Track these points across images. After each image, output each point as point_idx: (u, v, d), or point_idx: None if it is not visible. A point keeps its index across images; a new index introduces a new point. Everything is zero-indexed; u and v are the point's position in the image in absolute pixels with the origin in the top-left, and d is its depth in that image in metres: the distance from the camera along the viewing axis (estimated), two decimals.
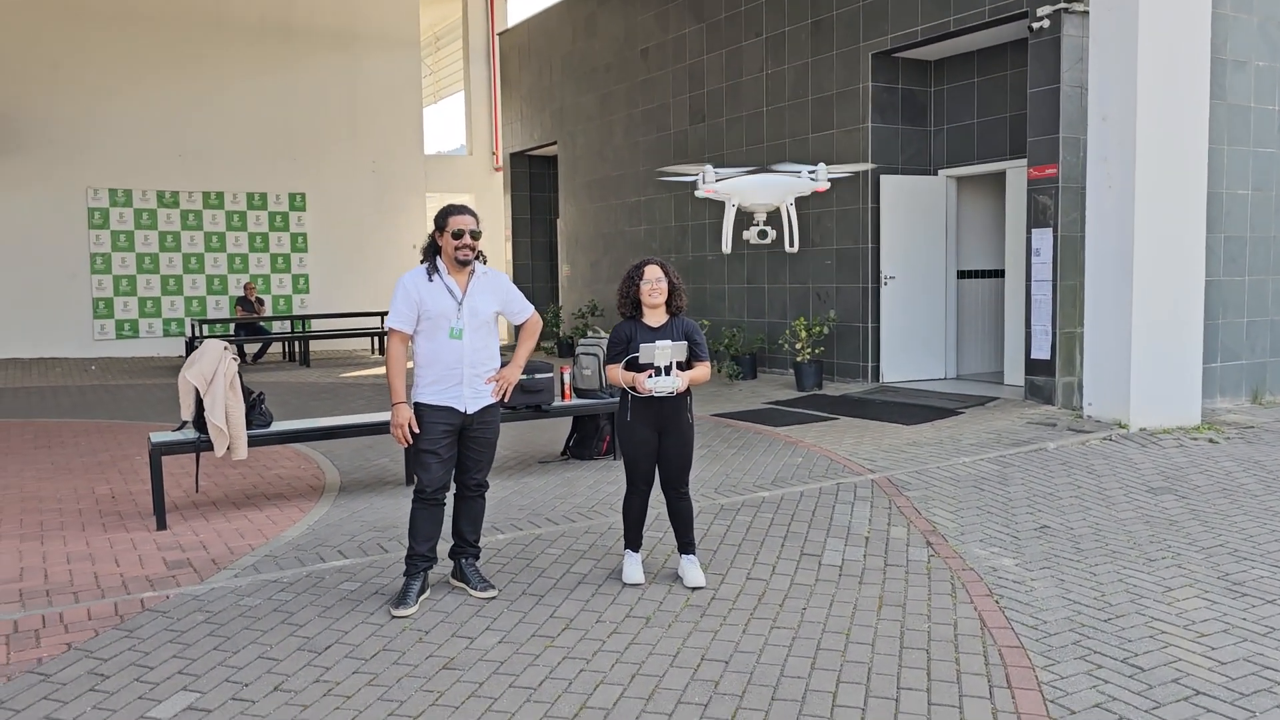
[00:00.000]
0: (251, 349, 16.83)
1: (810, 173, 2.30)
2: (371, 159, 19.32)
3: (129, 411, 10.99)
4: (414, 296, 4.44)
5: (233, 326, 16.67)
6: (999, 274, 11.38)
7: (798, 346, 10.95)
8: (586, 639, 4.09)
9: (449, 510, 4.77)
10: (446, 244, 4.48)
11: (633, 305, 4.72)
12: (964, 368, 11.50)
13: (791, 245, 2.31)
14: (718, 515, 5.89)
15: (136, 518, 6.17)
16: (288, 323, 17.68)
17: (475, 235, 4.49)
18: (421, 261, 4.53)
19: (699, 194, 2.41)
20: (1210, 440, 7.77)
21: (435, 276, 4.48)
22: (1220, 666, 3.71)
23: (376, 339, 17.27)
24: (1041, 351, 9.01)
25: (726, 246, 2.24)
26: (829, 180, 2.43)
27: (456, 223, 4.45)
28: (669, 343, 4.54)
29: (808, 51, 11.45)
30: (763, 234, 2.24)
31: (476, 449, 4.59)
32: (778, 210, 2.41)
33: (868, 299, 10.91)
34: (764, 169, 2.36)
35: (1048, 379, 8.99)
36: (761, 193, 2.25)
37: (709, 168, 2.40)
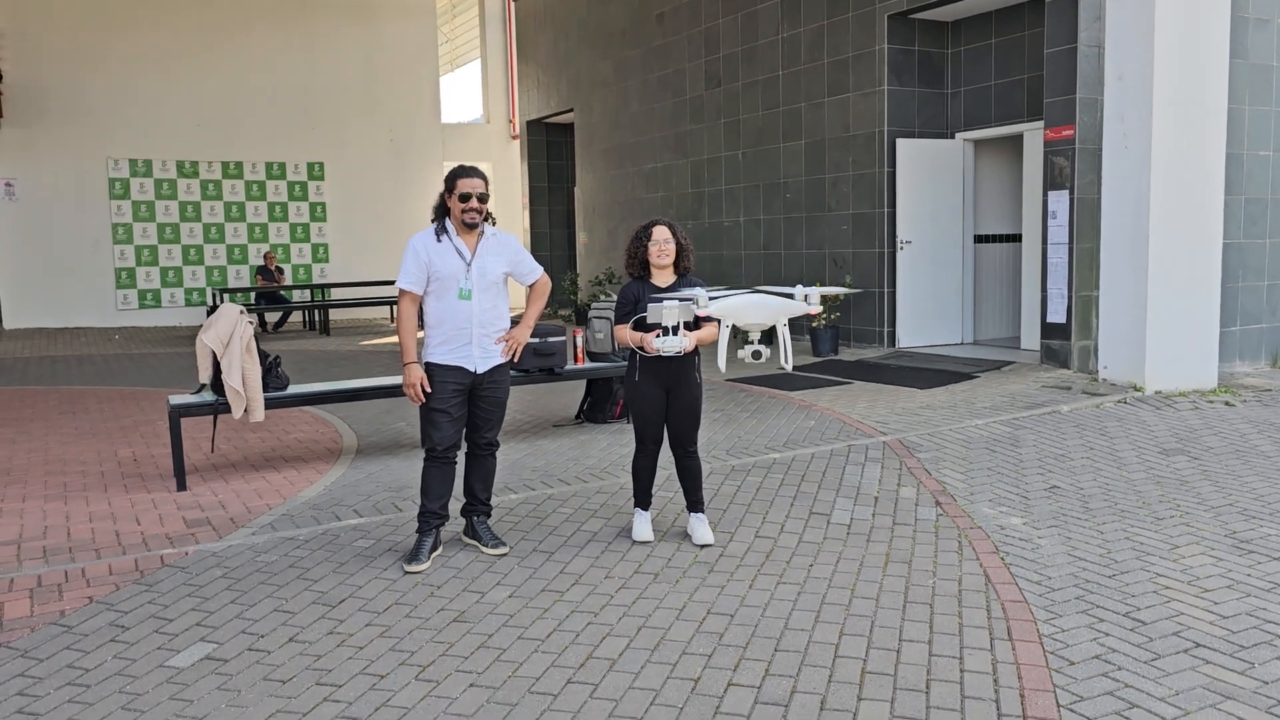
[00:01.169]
0: (272, 318, 16.99)
1: (804, 296, 2.33)
2: (389, 128, 19.34)
3: (152, 379, 11.14)
4: (423, 257, 4.48)
5: (253, 295, 16.81)
6: (1016, 238, 11.32)
7: (813, 312, 10.93)
8: (595, 593, 4.16)
9: (460, 469, 4.84)
10: (454, 206, 4.52)
11: (641, 265, 4.74)
12: (981, 333, 11.47)
13: (786, 363, 2.36)
14: (728, 476, 5.95)
15: (157, 479, 6.29)
16: (307, 292, 17.81)
17: (483, 198, 4.51)
18: (431, 221, 4.57)
19: (695, 311, 2.43)
20: (1226, 403, 7.73)
21: (444, 237, 4.52)
22: (1222, 620, 3.73)
23: (395, 308, 17.37)
24: (1057, 315, 8.97)
25: (722, 366, 2.27)
26: (820, 303, 2.47)
27: (464, 185, 4.49)
28: (676, 303, 4.56)
29: (823, 14, 11.35)
30: (757, 354, 2.27)
31: (486, 408, 4.64)
32: (772, 329, 2.43)
33: (884, 264, 10.87)
34: (756, 290, 2.39)
35: (1063, 343, 8.96)
36: (755, 313, 2.28)
37: (701, 291, 2.40)
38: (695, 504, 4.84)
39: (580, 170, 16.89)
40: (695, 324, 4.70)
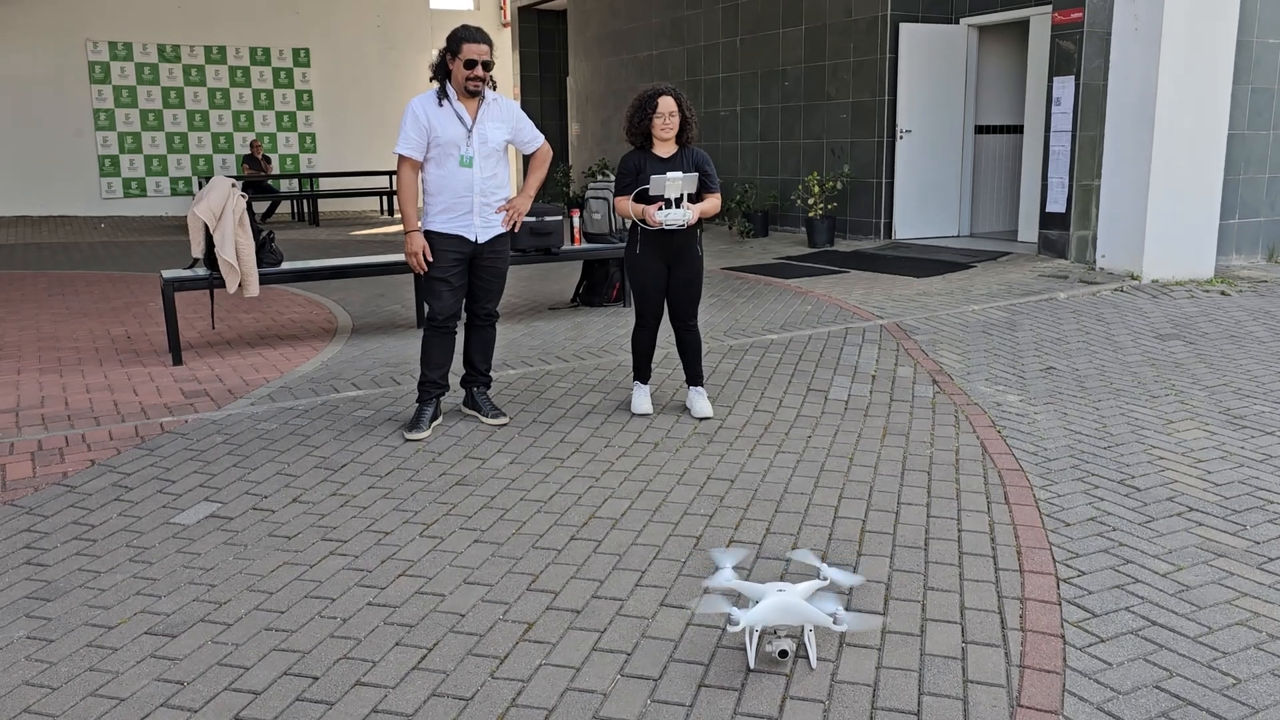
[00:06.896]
0: (260, 208, 16.74)
1: (831, 615, 2.26)
2: (376, 13, 18.77)
3: (140, 265, 11.03)
4: (423, 122, 4.35)
5: (240, 185, 16.54)
6: (1017, 130, 11.15)
7: (810, 202, 10.83)
8: (595, 460, 4.19)
9: (460, 341, 4.82)
10: (457, 71, 4.36)
11: (643, 136, 4.64)
12: (978, 225, 11.39)
13: (812, 662, 2.31)
14: (726, 355, 5.95)
15: (152, 355, 6.26)
16: (295, 182, 17.52)
17: (488, 66, 4.37)
18: (431, 79, 4.42)
19: (729, 629, 2.34)
20: (1222, 293, 7.74)
21: (445, 102, 4.39)
22: (1215, 488, 3.79)
23: (386, 199, 17.14)
24: (1057, 204, 8.90)
25: (751, 663, 2.22)
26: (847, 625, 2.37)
27: (470, 51, 4.32)
28: (680, 175, 4.48)
29: None
30: (783, 654, 2.23)
31: (487, 278, 4.60)
32: (800, 626, 2.37)
33: (882, 154, 10.72)
34: (787, 589, 2.28)
35: (1062, 233, 8.90)
36: (782, 617, 2.24)
37: (734, 610, 2.31)
38: (694, 377, 4.84)
39: (573, 59, 16.49)
40: (697, 195, 4.63)
